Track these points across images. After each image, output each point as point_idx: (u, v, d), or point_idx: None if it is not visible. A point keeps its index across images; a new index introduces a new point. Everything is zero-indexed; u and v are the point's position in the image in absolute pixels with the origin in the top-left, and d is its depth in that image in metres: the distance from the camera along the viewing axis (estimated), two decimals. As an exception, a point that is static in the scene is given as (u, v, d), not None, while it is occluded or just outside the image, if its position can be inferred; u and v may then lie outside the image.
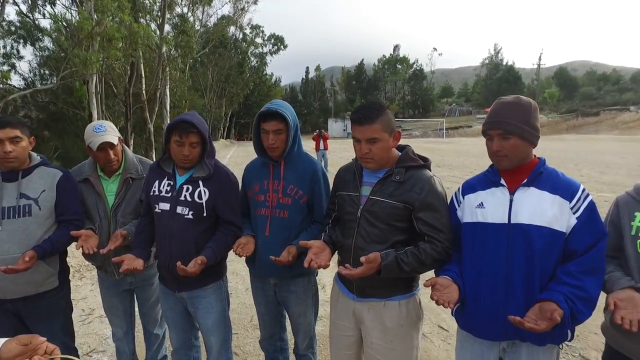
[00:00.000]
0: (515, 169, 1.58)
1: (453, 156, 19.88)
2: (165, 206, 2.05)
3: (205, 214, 2.04)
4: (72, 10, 14.06)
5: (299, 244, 1.90)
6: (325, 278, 4.33)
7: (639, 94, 54.15)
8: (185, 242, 2.03)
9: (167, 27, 20.46)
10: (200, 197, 2.03)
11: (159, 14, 19.28)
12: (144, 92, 17.47)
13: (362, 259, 1.60)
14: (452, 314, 1.76)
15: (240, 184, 2.23)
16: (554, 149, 22.58)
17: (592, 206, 1.49)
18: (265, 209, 2.11)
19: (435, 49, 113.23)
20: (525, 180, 1.56)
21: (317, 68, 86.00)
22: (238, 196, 2.18)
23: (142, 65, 17.14)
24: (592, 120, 45.87)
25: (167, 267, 2.06)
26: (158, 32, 18.21)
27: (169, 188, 2.07)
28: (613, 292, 1.44)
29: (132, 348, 2.59)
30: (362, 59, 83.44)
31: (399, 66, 78.08)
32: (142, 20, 16.95)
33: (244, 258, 2.19)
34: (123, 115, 17.30)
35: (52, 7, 14.02)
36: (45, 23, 19.59)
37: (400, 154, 1.83)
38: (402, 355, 1.82)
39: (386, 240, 1.74)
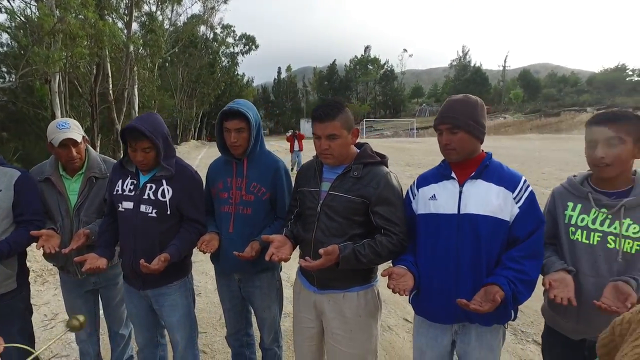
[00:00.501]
0: (464, 162, 1.69)
1: (422, 155, 20.35)
2: (129, 205, 2.05)
3: (169, 212, 2.05)
4: (31, 6, 13.43)
5: (261, 239, 1.95)
6: (294, 276, 4.37)
7: (595, 96, 56.95)
8: (149, 240, 2.04)
9: (135, 26, 19.95)
10: (163, 195, 2.04)
11: (126, 12, 18.77)
12: (111, 91, 16.90)
13: (321, 251, 1.66)
14: (409, 301, 1.86)
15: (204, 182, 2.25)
16: (518, 147, 23.49)
17: (532, 196, 1.62)
18: (228, 206, 2.15)
19: (405, 50, 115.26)
20: (473, 173, 1.67)
21: (288, 68, 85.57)
22: (202, 194, 2.20)
23: (108, 64, 16.60)
24: (554, 120, 47.87)
25: (131, 265, 2.06)
26: (125, 31, 17.71)
27: (132, 187, 2.07)
28: (549, 274, 1.57)
29: (96, 350, 2.56)
30: (334, 60, 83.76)
31: (370, 67, 78.72)
32: (108, 18, 16.42)
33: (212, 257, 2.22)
34: (89, 116, 16.69)
35: (9, 2, 13.35)
36: (2, 18, 18.70)
37: (358, 151, 1.91)
38: (361, 344, 1.89)
39: (344, 234, 1.81)
